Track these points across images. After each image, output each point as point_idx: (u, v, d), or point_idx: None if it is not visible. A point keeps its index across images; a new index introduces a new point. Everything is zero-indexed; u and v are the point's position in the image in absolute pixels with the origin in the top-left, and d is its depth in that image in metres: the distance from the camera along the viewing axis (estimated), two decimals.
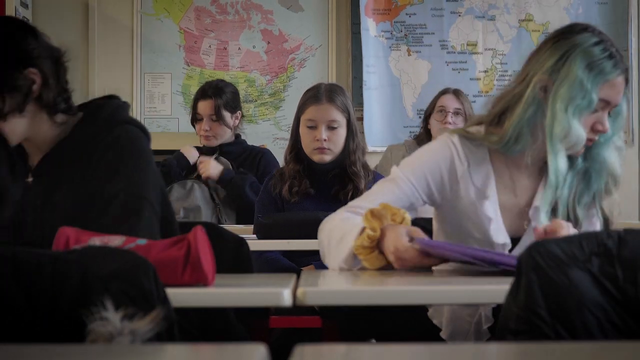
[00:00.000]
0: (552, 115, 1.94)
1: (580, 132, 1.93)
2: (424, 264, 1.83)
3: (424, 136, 3.99)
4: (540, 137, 1.98)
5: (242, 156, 3.89)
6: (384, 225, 1.86)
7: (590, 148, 2.00)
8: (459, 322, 2.09)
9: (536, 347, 1.16)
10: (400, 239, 1.82)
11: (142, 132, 1.95)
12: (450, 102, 3.89)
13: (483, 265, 1.81)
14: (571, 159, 2.01)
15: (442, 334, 2.09)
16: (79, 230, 1.61)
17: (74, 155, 1.90)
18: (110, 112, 1.94)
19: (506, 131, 1.98)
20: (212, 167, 3.74)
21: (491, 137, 2.00)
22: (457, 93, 3.98)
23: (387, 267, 1.87)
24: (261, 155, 3.90)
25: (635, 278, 1.32)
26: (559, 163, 1.95)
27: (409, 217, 1.90)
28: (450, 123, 3.85)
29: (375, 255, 1.87)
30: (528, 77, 1.98)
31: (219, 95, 3.83)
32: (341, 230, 1.93)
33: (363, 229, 1.87)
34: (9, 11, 4.61)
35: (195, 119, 3.89)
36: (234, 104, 3.89)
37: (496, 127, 2.01)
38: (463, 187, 2.01)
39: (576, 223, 1.99)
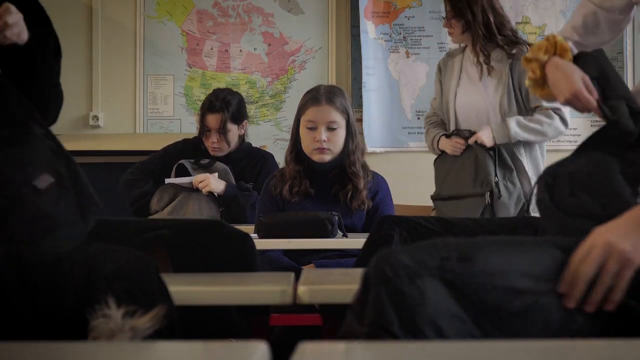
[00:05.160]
0: None
1: None
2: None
3: None
4: None
5: (244, 160, 3.85)
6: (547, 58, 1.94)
7: None
8: None
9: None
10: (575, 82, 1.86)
11: None
12: None
13: None
14: None
15: None
16: None
17: None
18: None
19: None
20: (213, 183, 3.65)
21: None
22: None
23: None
24: (264, 161, 3.85)
25: (489, 280, 1.22)
26: None
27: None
28: None
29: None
30: None
31: (226, 109, 3.77)
32: None
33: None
34: None
35: (204, 131, 3.82)
36: (240, 115, 3.84)
37: None
38: None
39: None
